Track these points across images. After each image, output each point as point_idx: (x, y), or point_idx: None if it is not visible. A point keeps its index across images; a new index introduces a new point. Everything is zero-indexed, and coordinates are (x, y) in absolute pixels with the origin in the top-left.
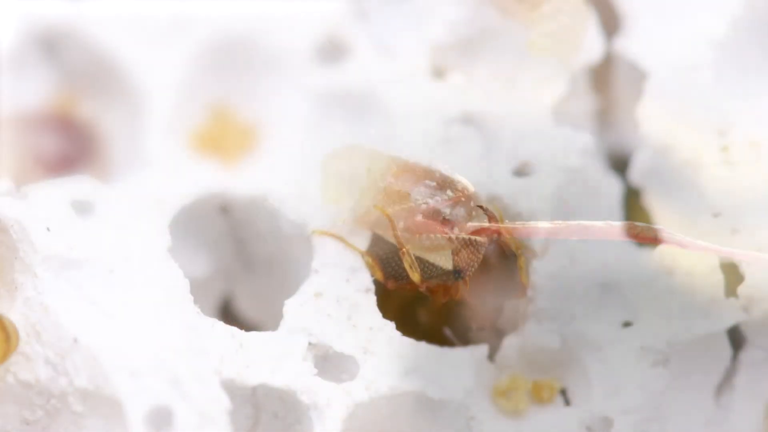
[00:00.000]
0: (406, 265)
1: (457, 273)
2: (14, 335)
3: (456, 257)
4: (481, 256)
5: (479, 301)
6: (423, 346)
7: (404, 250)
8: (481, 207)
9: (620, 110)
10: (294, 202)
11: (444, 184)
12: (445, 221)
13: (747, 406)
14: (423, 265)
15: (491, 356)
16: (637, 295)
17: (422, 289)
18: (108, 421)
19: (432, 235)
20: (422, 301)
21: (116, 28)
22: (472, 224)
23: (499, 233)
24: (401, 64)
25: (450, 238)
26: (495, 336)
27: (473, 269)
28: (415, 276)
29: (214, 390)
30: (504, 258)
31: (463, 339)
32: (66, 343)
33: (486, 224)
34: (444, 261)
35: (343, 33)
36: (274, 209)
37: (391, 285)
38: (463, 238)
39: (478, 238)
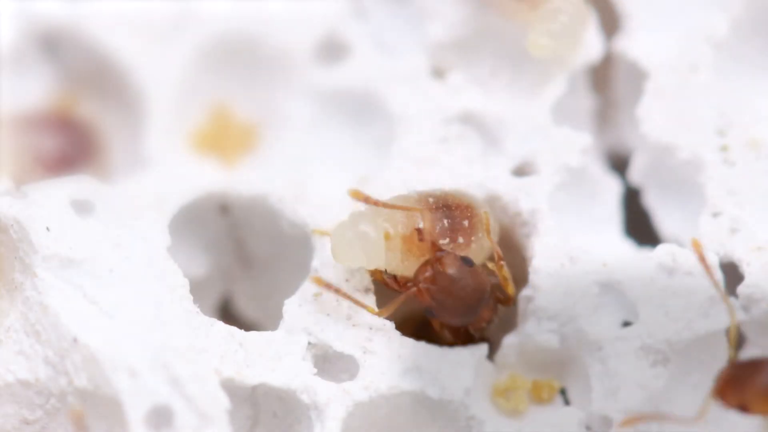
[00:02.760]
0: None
1: (428, 312)
2: None
3: (419, 300)
4: (438, 291)
5: (461, 321)
6: (423, 346)
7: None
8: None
9: (620, 110)
10: (294, 202)
11: (447, 207)
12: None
13: None
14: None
15: (491, 356)
16: (637, 295)
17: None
18: (108, 421)
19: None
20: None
21: (116, 28)
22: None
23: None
24: (401, 64)
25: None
26: (505, 325)
27: (439, 305)
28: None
29: (213, 389)
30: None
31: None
32: (65, 343)
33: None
34: None
35: (343, 33)
36: (273, 209)
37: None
38: (416, 282)
39: (425, 276)
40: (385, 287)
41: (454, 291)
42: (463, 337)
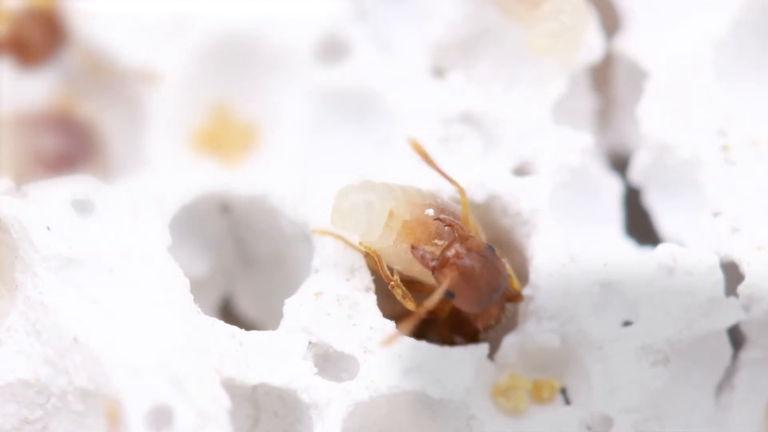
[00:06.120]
0: (398, 297)
1: (446, 293)
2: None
3: (439, 279)
4: (460, 272)
5: (475, 308)
6: (423, 345)
7: (392, 283)
8: (439, 219)
9: (620, 110)
10: (294, 201)
11: (454, 215)
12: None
13: (747, 405)
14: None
15: (491, 355)
16: (637, 294)
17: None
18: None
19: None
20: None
21: (116, 28)
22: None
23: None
24: (401, 64)
25: (432, 258)
26: (505, 325)
27: (459, 286)
28: (409, 305)
29: (214, 389)
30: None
31: (476, 342)
32: (66, 342)
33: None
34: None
35: (343, 33)
36: (274, 208)
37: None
38: (443, 257)
39: (450, 254)
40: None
41: (479, 271)
42: (464, 334)
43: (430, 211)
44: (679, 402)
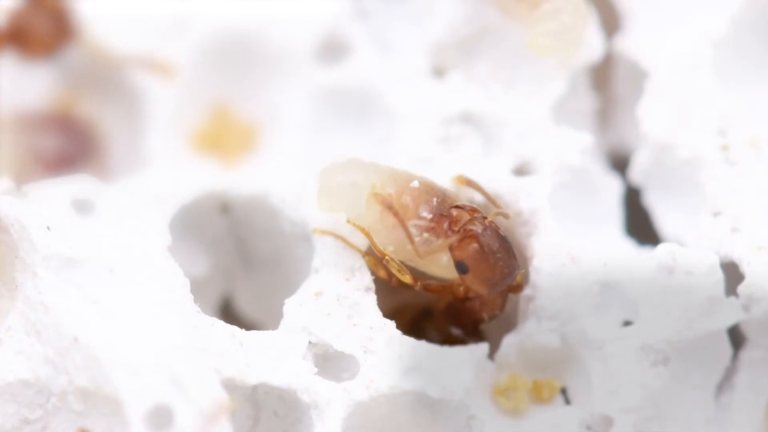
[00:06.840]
0: (394, 270)
1: (460, 266)
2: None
3: (456, 252)
4: (480, 245)
5: (487, 288)
6: (423, 345)
7: (386, 258)
8: (458, 206)
9: (620, 110)
10: (294, 201)
11: (444, 195)
12: (441, 217)
13: (747, 405)
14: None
15: (491, 355)
16: (637, 294)
17: (417, 288)
18: (108, 420)
19: (426, 238)
20: (429, 315)
21: (116, 28)
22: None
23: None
24: (401, 64)
25: (446, 232)
26: (505, 325)
27: (476, 260)
28: (406, 278)
29: (214, 389)
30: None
31: (475, 335)
32: (66, 342)
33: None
34: (444, 267)
35: (343, 33)
36: (274, 208)
37: (395, 282)
38: (459, 230)
39: (472, 228)
40: (390, 283)
41: (498, 249)
42: (463, 327)
43: (415, 183)
44: (679, 402)
